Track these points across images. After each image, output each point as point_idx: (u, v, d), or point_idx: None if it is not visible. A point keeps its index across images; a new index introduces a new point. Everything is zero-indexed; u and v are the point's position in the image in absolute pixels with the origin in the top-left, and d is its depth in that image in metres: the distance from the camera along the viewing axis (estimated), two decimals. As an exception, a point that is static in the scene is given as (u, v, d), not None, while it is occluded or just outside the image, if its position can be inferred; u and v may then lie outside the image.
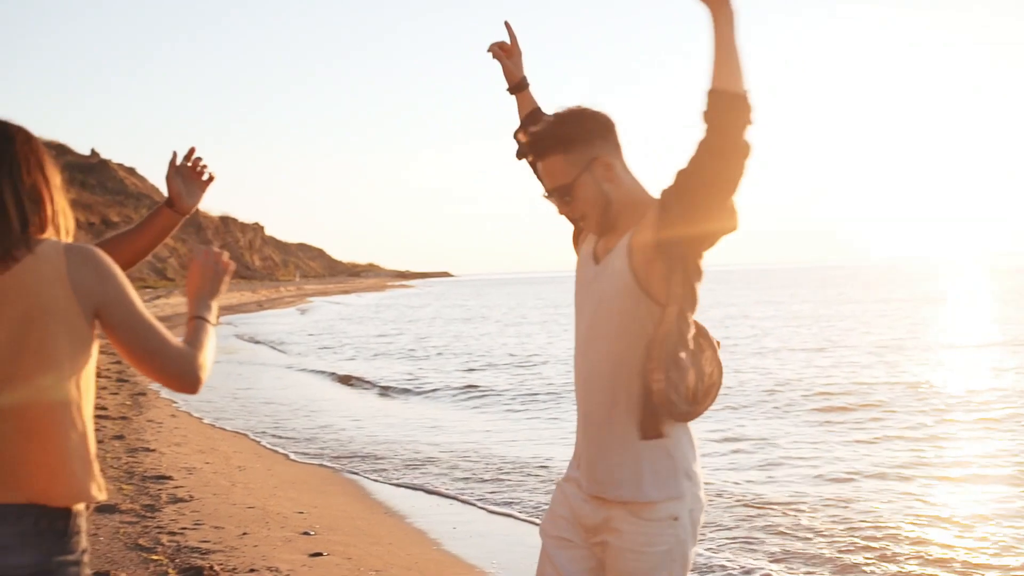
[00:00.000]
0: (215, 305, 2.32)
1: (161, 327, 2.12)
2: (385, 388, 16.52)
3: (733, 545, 6.52)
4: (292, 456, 10.05)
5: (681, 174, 2.32)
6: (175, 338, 2.13)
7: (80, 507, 2.04)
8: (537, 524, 6.28)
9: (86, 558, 2.07)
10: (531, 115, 3.00)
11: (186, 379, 2.11)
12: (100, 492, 2.06)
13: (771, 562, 6.16)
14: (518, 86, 3.04)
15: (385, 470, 9.31)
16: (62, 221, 2.13)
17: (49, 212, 2.10)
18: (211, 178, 2.64)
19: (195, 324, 2.23)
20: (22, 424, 1.98)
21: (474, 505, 7.85)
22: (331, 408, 14.16)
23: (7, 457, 1.96)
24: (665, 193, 2.37)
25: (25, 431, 1.97)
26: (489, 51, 3.06)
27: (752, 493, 8.01)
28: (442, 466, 9.42)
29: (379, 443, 10.87)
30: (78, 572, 2.04)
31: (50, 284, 2.00)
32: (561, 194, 2.51)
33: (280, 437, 11.27)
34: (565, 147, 2.48)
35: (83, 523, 2.05)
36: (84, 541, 2.07)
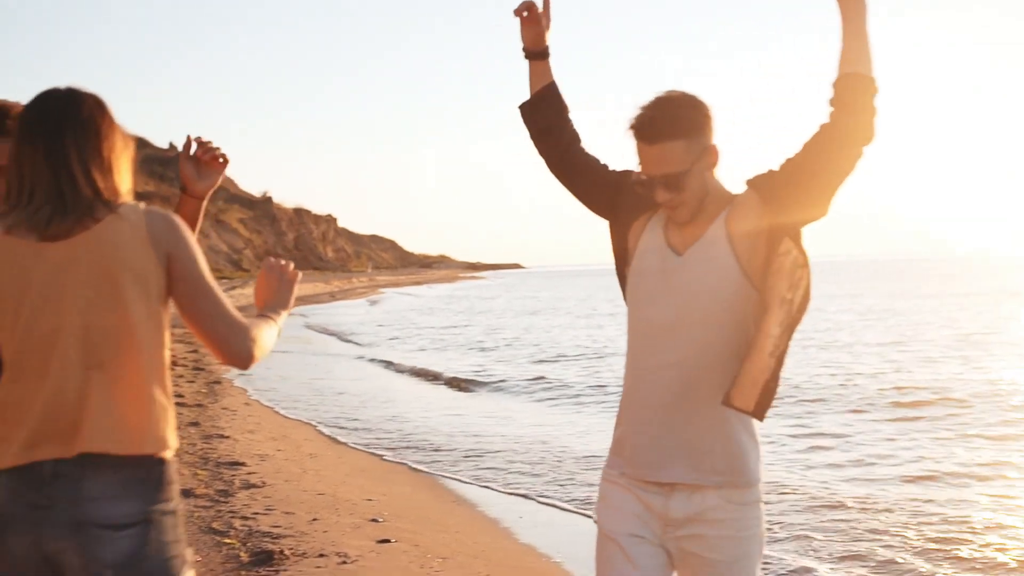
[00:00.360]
0: (284, 313, 2.38)
1: (225, 297, 2.17)
2: (454, 380, 16.57)
3: (798, 543, 6.42)
4: (360, 446, 10.17)
5: (799, 159, 2.42)
6: (238, 312, 2.18)
7: (170, 455, 2.10)
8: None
9: (181, 508, 2.13)
10: (548, 89, 2.81)
11: (238, 350, 2.15)
12: (177, 441, 2.14)
13: (835, 561, 6.06)
14: (541, 53, 2.81)
15: (452, 461, 9.37)
16: (125, 187, 2.18)
17: (117, 176, 2.15)
18: (225, 160, 2.63)
19: (259, 317, 2.30)
20: (112, 377, 2.04)
21: (536, 500, 7.85)
22: (400, 399, 14.31)
23: (100, 409, 2.02)
24: (768, 180, 2.46)
25: (115, 383, 2.04)
26: (516, 12, 2.80)
27: (825, 491, 7.88)
28: (510, 458, 9.45)
29: (446, 434, 10.94)
30: (175, 522, 2.10)
31: (132, 241, 2.07)
32: (673, 182, 2.44)
33: (346, 428, 11.41)
34: (687, 133, 2.43)
35: (174, 473, 2.11)
36: (177, 492, 2.12)
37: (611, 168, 2.73)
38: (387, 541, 5.96)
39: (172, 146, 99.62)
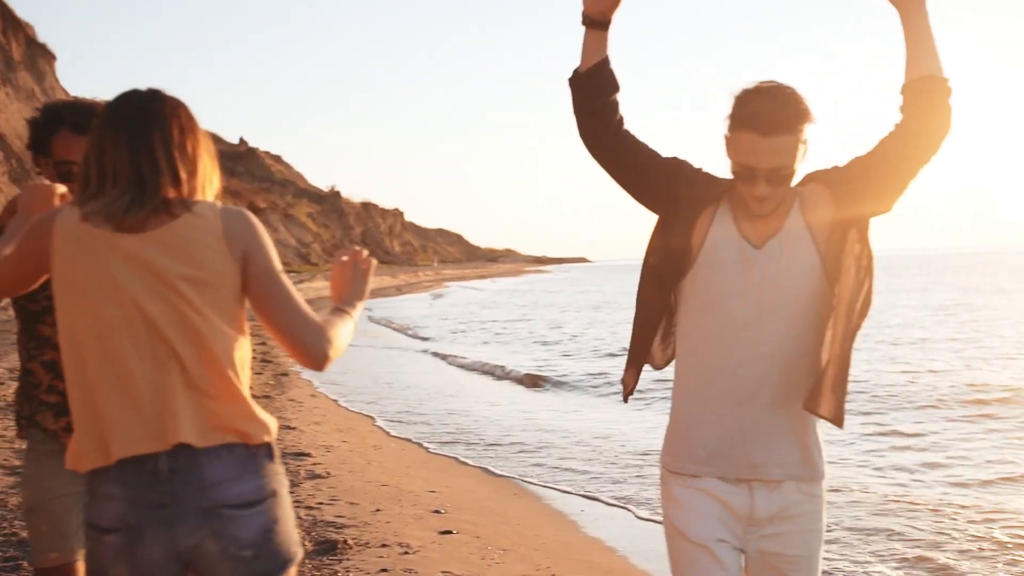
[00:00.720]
0: (360, 304, 2.37)
1: (300, 297, 2.17)
2: (516, 374, 16.52)
3: (864, 544, 6.33)
4: (423, 441, 10.24)
5: (873, 159, 2.44)
6: (312, 312, 2.17)
7: (273, 440, 2.14)
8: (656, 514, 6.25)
9: (287, 488, 2.17)
10: (604, 63, 2.58)
11: (315, 352, 2.15)
12: (274, 421, 2.17)
13: (902, 564, 5.95)
14: (603, 23, 2.57)
15: (514, 455, 9.39)
16: (210, 187, 2.20)
17: (200, 175, 2.17)
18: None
19: (335, 311, 2.29)
20: (190, 369, 2.06)
21: (598, 499, 7.83)
22: (462, 393, 14.37)
23: (186, 402, 2.05)
24: (835, 174, 2.48)
25: (194, 376, 2.06)
26: None
27: (895, 491, 7.74)
28: (573, 453, 9.44)
29: (507, 428, 10.97)
30: (286, 502, 2.15)
31: (206, 238, 2.08)
32: (781, 176, 2.39)
33: (406, 423, 11.49)
34: (801, 127, 2.39)
35: (278, 455, 2.15)
36: (283, 472, 2.17)
37: (662, 155, 2.61)
38: (449, 532, 6.01)
39: (242, 141, 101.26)
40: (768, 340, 2.45)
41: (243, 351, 2.15)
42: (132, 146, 2.09)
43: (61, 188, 2.39)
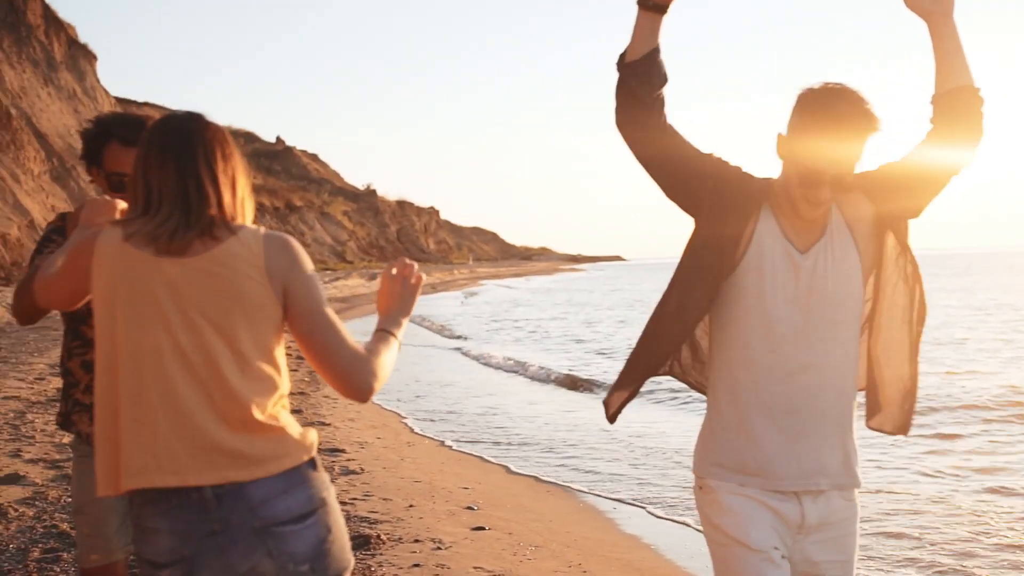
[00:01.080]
0: (405, 321, 2.34)
1: (343, 328, 2.15)
2: (558, 376, 16.31)
3: (903, 550, 6.27)
4: (452, 441, 10.27)
5: (907, 165, 2.43)
6: (355, 342, 2.15)
7: (314, 453, 2.14)
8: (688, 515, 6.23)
9: (334, 494, 2.18)
10: (656, 52, 2.44)
11: (358, 384, 2.14)
12: (313, 438, 2.17)
13: (941, 572, 5.89)
14: (662, 6, 2.42)
15: (546, 452, 9.40)
16: (249, 203, 2.21)
17: (239, 196, 2.17)
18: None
19: (379, 335, 2.25)
20: (243, 407, 2.04)
21: (630, 502, 7.82)
22: (495, 391, 14.40)
23: (245, 439, 2.04)
24: (868, 177, 2.44)
25: (249, 413, 2.04)
26: None
27: (936, 496, 7.66)
28: (605, 454, 9.44)
29: (538, 426, 10.98)
30: (336, 509, 2.15)
31: (247, 269, 2.06)
32: (847, 181, 2.34)
33: (437, 421, 11.53)
34: (873, 136, 2.34)
35: (321, 464, 2.15)
36: (328, 479, 2.17)
37: (703, 152, 2.49)
38: (481, 528, 6.03)
39: (279, 140, 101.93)
40: (817, 348, 2.42)
41: (281, 383, 2.14)
42: (180, 169, 2.09)
43: (122, 204, 2.44)
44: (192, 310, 2.04)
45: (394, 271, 2.37)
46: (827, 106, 2.29)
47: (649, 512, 7.08)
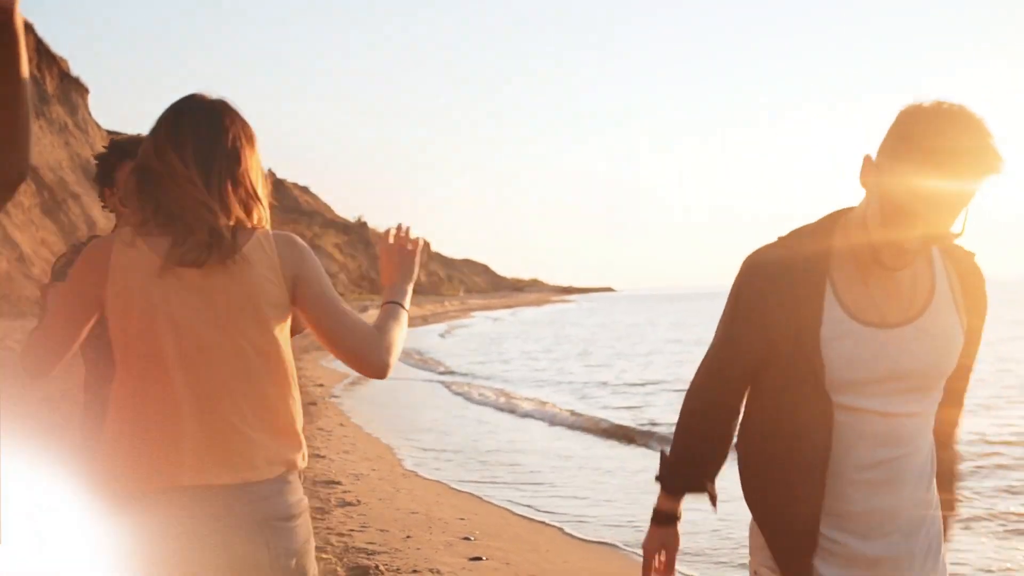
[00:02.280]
0: (409, 288, 2.37)
1: (352, 311, 2.20)
2: (538, 405, 16.14)
3: None
4: (450, 480, 10.28)
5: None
6: (366, 322, 2.21)
7: (306, 461, 2.21)
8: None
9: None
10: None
11: (373, 361, 2.18)
12: (304, 461, 2.22)
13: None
14: (672, 518, 2.33)
15: (539, 486, 9.41)
16: (264, 208, 2.22)
17: (258, 200, 2.20)
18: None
19: (387, 308, 2.29)
20: (264, 408, 2.11)
21: (622, 548, 7.84)
22: (484, 423, 14.39)
23: (262, 442, 2.10)
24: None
25: (270, 414, 2.11)
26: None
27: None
28: (600, 495, 9.44)
29: (530, 457, 10.99)
30: (307, 512, 2.22)
31: (265, 271, 2.10)
32: (946, 231, 1.91)
33: (434, 450, 11.51)
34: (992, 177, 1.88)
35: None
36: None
37: (754, 332, 2.09)
38: (478, 559, 6.06)
39: (271, 172, 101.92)
40: (915, 419, 2.07)
41: (295, 382, 2.19)
42: (198, 170, 2.12)
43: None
44: (213, 315, 2.06)
45: (391, 240, 2.40)
46: (938, 133, 1.83)
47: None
